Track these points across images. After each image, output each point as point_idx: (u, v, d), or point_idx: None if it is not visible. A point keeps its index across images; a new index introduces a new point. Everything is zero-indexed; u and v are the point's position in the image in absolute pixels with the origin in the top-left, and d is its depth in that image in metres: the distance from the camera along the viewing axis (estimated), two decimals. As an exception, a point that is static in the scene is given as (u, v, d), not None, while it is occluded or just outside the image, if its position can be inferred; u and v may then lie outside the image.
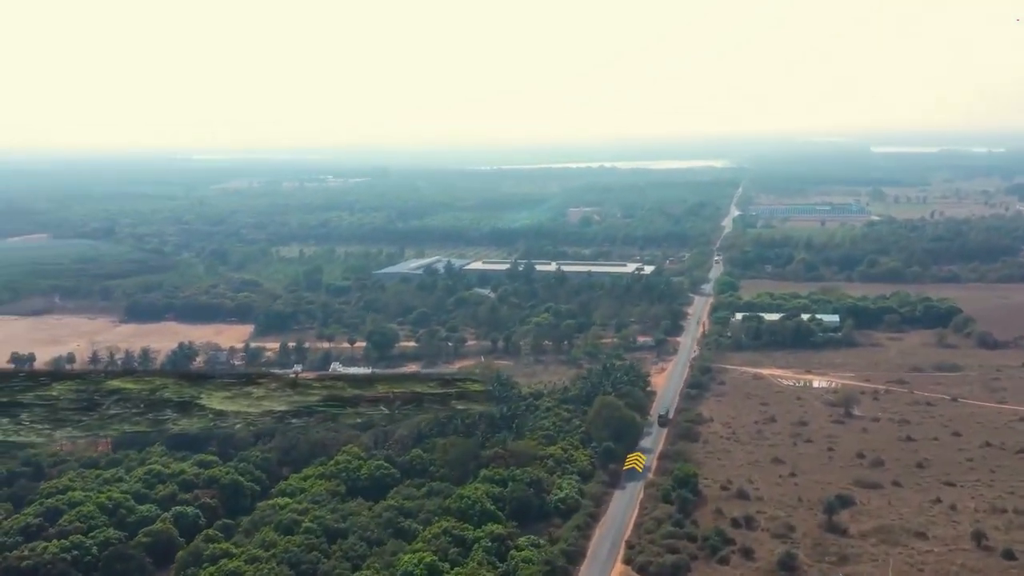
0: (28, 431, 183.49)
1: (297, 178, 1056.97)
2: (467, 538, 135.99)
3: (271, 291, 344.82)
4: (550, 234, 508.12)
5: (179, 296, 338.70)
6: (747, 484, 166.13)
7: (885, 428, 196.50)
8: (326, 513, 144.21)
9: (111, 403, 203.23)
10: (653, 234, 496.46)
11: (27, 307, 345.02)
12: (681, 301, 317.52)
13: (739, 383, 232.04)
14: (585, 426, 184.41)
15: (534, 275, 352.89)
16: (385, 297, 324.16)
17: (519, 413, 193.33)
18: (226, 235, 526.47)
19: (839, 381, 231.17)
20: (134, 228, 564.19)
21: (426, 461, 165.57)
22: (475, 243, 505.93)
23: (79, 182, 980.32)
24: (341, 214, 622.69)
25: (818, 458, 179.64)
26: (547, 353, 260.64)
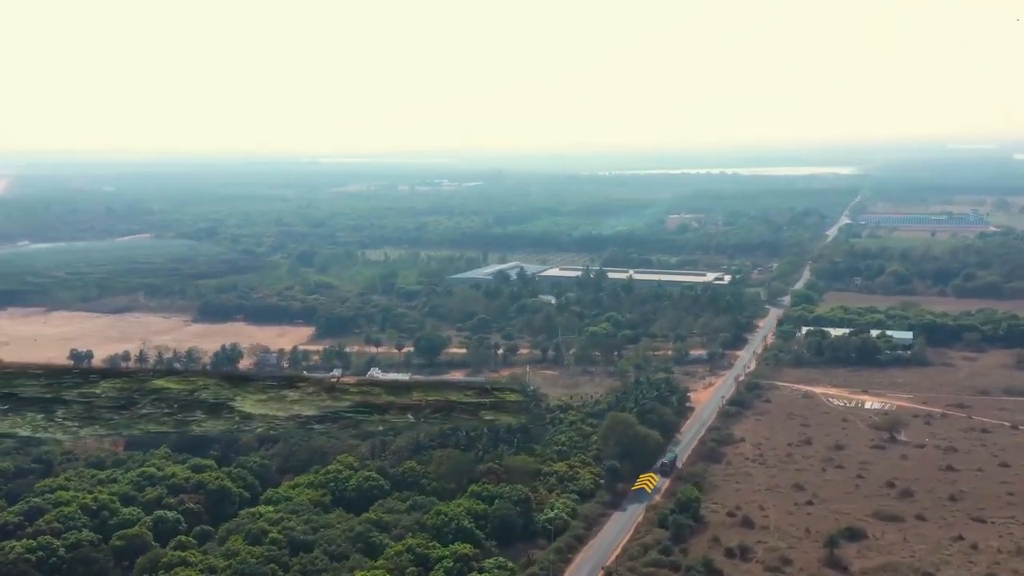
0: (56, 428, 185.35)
1: (413, 182, 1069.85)
2: (430, 557, 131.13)
3: (341, 294, 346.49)
4: (641, 241, 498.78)
5: (251, 297, 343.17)
6: (757, 511, 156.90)
7: (928, 456, 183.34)
8: (297, 524, 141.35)
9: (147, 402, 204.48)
10: (748, 243, 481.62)
11: (111, 305, 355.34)
12: (751, 313, 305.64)
13: (785, 402, 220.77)
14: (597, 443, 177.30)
15: (604, 283, 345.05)
16: (449, 303, 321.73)
17: (537, 426, 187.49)
18: (320, 237, 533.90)
19: (894, 403, 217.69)
20: (237, 229, 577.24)
21: (419, 473, 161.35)
22: (565, 249, 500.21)
23: (206, 184, 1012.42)
24: (440, 218, 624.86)
25: (844, 486, 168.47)
26: (596, 364, 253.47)
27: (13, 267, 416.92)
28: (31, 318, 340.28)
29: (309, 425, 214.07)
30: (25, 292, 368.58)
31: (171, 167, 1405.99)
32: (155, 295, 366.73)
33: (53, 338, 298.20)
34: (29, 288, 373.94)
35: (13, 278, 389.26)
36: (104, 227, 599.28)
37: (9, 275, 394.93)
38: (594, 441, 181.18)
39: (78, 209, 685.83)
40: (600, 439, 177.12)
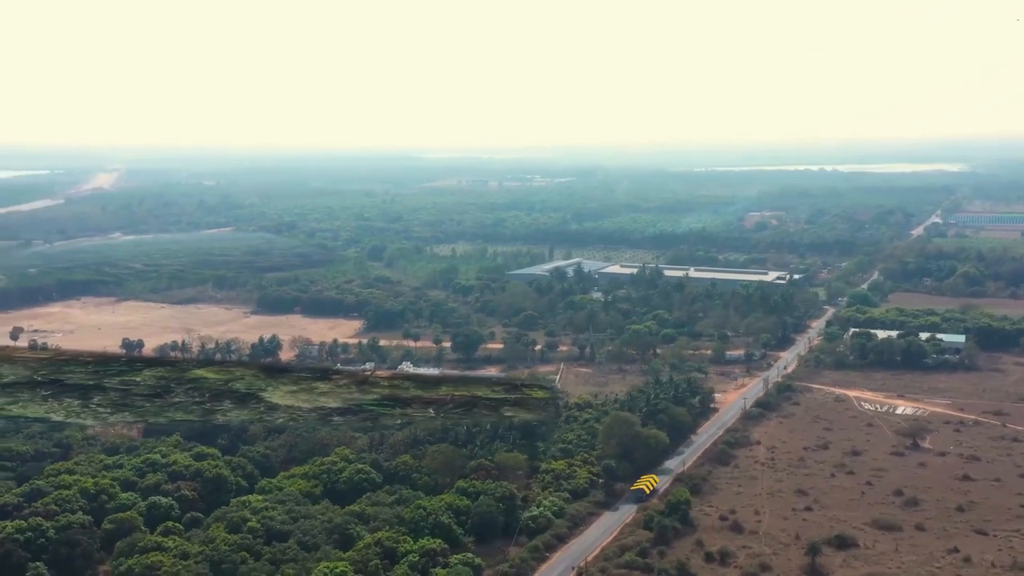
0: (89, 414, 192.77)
1: (506, 177, 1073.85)
2: (398, 551, 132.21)
3: (397, 289, 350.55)
4: (712, 238, 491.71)
5: (310, 290, 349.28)
6: (751, 515, 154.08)
7: (947, 464, 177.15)
8: (278, 514, 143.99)
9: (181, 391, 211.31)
10: (823, 241, 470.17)
11: (179, 296, 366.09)
12: (803, 313, 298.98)
13: (815, 404, 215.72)
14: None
15: (658, 281, 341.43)
16: (501, 298, 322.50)
17: (548, 423, 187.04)
18: (396, 232, 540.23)
19: (928, 408, 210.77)
20: (318, 223, 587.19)
21: (411, 468, 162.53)
22: (637, 246, 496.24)
23: (301, 179, 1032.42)
24: (519, 214, 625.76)
25: (849, 492, 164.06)
26: (633, 362, 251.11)
27: (96, 258, 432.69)
28: (102, 307, 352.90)
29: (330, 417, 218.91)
30: (102, 282, 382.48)
31: (274, 162, 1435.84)
32: (222, 287, 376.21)
33: (117, 327, 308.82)
34: (106, 279, 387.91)
35: (93, 269, 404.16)
36: (193, 220, 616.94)
37: (90, 266, 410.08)
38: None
39: (171, 203, 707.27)
40: (600, 438, 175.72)
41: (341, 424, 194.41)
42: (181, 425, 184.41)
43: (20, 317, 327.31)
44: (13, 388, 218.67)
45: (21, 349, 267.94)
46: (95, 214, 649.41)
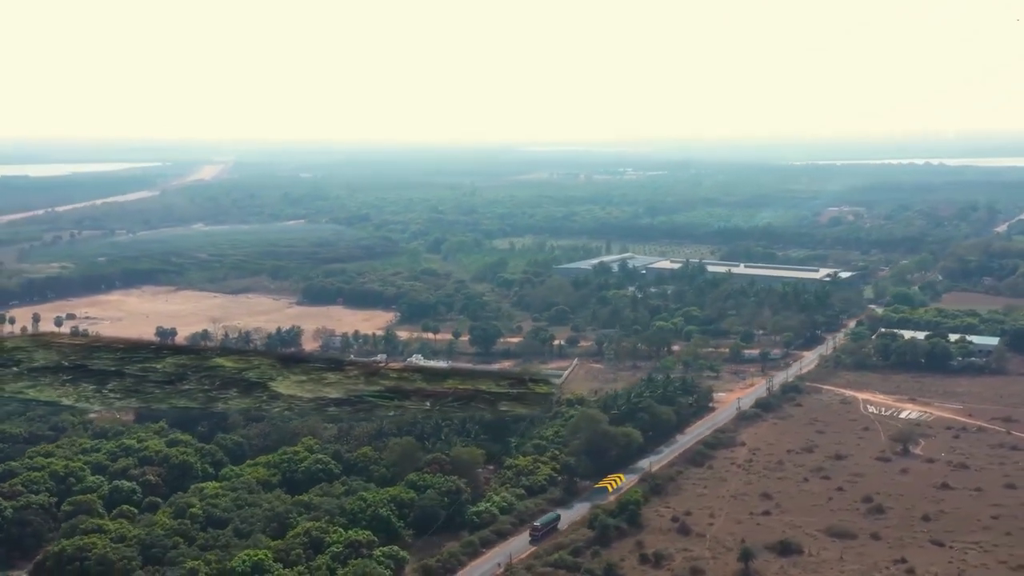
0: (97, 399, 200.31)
1: (597, 171, 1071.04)
2: (325, 541, 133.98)
3: (439, 281, 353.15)
4: (778, 234, 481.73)
5: (356, 282, 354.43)
6: (705, 518, 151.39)
7: (931, 471, 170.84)
8: (224, 501, 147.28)
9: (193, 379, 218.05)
10: (891, 238, 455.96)
11: (234, 286, 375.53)
12: (837, 312, 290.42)
13: (817, 406, 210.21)
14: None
15: (698, 277, 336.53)
16: (536, 292, 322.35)
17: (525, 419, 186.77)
18: (465, 225, 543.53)
19: (936, 412, 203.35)
20: (392, 215, 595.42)
21: (370, 459, 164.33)
22: (701, 241, 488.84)
23: (394, 171, 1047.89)
24: (593, 207, 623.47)
25: (817, 497, 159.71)
26: (649, 359, 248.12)
27: (165, 248, 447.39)
28: (159, 296, 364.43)
29: (327, 407, 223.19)
30: (165, 271, 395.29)
31: (376, 156, 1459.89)
32: (277, 277, 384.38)
33: (164, 315, 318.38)
34: (169, 268, 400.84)
35: (159, 258, 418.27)
36: (274, 212, 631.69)
37: (156, 255, 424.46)
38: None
39: (257, 195, 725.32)
40: (567, 436, 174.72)
41: (337, 414, 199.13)
42: (171, 411, 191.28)
43: (80, 304, 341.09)
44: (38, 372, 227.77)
45: (62, 335, 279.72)
46: (183, 205, 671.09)
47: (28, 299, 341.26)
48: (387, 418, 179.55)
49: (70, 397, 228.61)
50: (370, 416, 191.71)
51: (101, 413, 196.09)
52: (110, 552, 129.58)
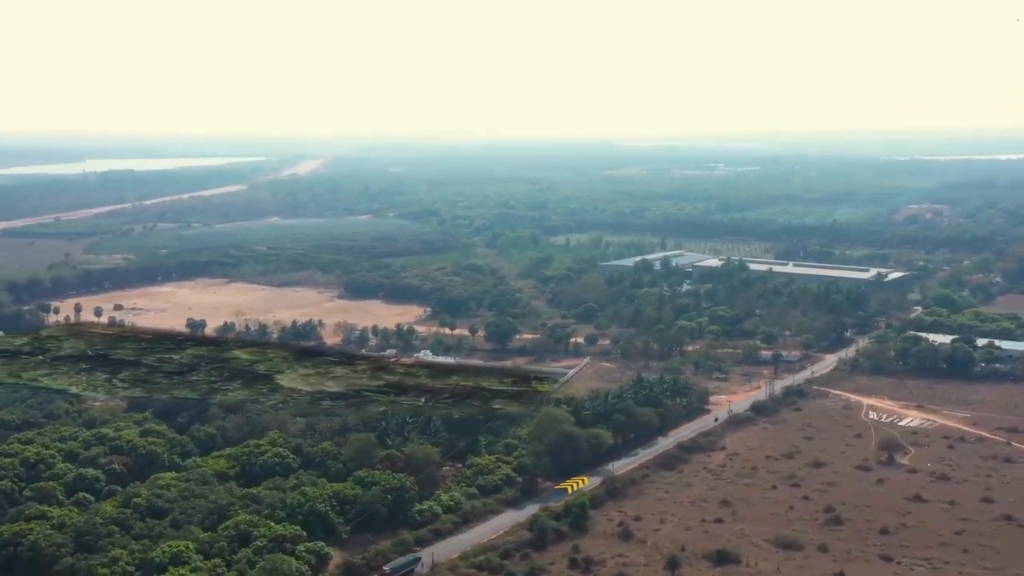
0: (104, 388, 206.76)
1: (689, 166, 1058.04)
2: (252, 534, 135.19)
3: (478, 277, 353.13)
4: (843, 232, 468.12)
5: (397, 276, 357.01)
6: (654, 523, 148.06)
7: (908, 482, 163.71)
8: (170, 492, 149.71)
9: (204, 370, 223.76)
10: (959, 237, 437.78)
11: (283, 279, 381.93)
12: (870, 313, 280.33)
13: (816, 411, 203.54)
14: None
15: (736, 275, 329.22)
16: (571, 289, 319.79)
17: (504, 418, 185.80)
18: (531, 220, 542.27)
19: (940, 420, 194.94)
20: (465, 210, 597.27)
21: (329, 454, 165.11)
22: (766, 238, 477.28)
23: (483, 167, 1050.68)
24: (665, 203, 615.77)
25: (778, 506, 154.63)
26: (661, 359, 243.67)
27: (228, 241, 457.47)
28: (210, 288, 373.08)
29: (323, 401, 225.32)
30: (221, 264, 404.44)
31: (472, 151, 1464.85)
32: (327, 271, 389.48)
33: (208, 307, 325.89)
34: (226, 261, 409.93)
35: (218, 251, 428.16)
36: (349, 206, 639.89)
37: (216, 248, 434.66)
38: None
39: (337, 189, 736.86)
40: (529, 436, 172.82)
41: (330, 408, 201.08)
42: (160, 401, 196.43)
43: (133, 295, 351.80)
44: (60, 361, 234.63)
45: (98, 326, 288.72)
46: (265, 199, 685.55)
47: (85, 290, 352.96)
48: (351, 414, 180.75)
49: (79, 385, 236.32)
50: (362, 411, 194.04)
51: (104, 401, 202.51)
52: (42, 539, 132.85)
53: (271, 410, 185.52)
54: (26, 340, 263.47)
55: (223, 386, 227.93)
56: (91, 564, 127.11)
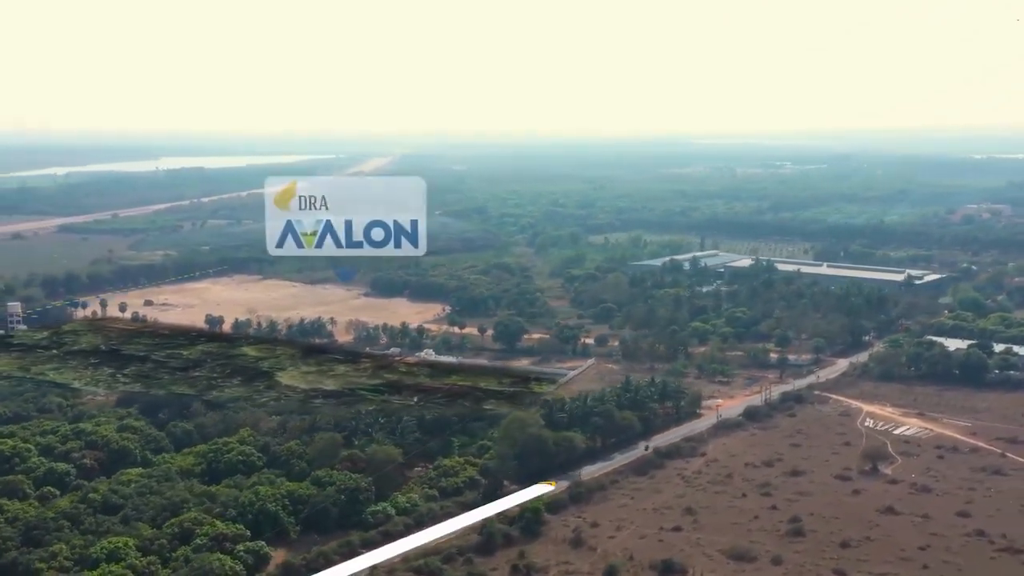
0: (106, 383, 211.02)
1: (754, 164, 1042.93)
2: (195, 533, 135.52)
3: (503, 275, 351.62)
4: (889, 232, 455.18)
5: (426, 275, 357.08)
6: (612, 531, 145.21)
7: (886, 493, 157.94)
8: (125, 488, 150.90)
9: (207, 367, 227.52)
10: (1014, 238, 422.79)
11: (316, 276, 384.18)
12: (894, 317, 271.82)
13: (810, 417, 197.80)
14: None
15: (760, 276, 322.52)
16: (592, 289, 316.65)
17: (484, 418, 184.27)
18: (576, 219, 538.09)
19: (939, 429, 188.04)
20: (517, 208, 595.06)
21: (295, 453, 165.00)
22: (813, 238, 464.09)
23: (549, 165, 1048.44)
24: (717, 202, 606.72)
25: (743, 515, 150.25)
26: (667, 361, 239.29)
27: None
28: (244, 284, 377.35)
29: (314, 399, 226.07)
30: (259, 260, 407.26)
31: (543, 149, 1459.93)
32: (360, 268, 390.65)
33: (236, 302, 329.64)
34: (264, 257, 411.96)
35: (259, 247, 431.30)
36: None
37: (257, 244, 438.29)
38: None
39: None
40: (497, 439, 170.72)
41: (321, 406, 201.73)
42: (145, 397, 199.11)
43: (166, 291, 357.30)
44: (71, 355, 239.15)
45: (119, 321, 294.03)
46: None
47: (121, 285, 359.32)
48: (326, 412, 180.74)
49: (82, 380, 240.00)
50: (352, 410, 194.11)
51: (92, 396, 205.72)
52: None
53: (250, 407, 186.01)
54: (46, 335, 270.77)
55: (221, 383, 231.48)
56: (29, 559, 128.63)
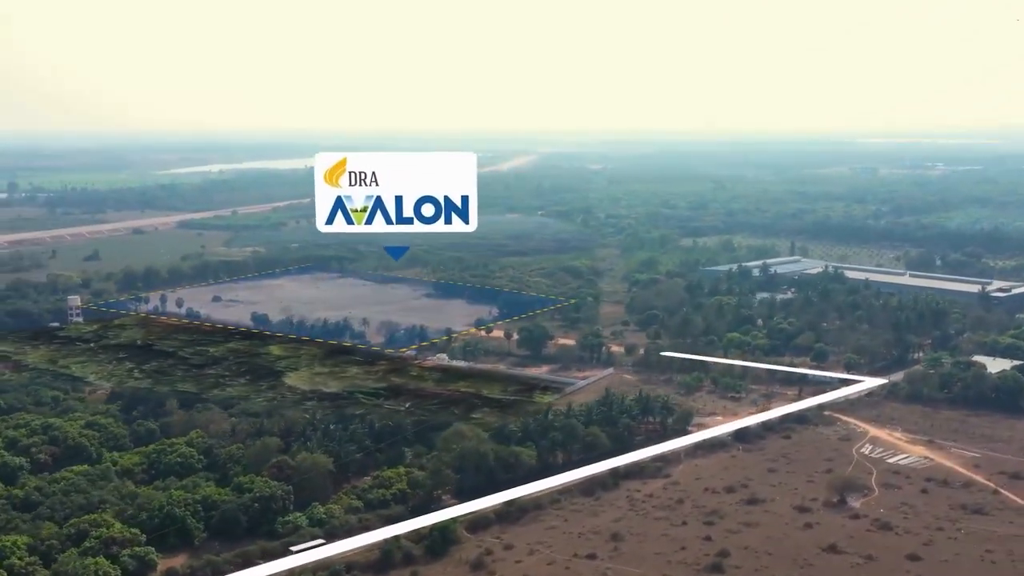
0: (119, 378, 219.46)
1: (904, 165, 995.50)
2: (89, 535, 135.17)
3: (563, 278, 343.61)
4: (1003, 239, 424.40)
5: (492, 276, 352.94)
6: (522, 556, 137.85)
7: (840, 529, 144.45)
8: (54, 484, 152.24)
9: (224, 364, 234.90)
10: None
11: (391, 276, 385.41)
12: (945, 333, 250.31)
13: (807, 440, 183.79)
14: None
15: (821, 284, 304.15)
16: (645, 295, 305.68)
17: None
18: (680, 221, 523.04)
19: (942, 460, 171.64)
20: (627, 208, 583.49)
21: (232, 457, 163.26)
22: (922, 244, 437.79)
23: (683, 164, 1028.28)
24: (834, 205, 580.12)
25: (671, 545, 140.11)
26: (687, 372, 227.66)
27: (361, 238, 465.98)
28: (319, 282, 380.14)
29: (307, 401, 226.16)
30: (340, 259, 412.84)
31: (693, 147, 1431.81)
32: (439, 269, 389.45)
33: (302, 301, 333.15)
34: (346, 256, 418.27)
35: (346, 246, 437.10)
36: (513, 204, 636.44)
37: (345, 243, 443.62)
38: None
39: (511, 186, 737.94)
40: (438, 451, 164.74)
41: (310, 409, 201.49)
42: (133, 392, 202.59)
43: (241, 288, 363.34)
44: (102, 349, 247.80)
45: (169, 318, 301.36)
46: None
47: (200, 280, 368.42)
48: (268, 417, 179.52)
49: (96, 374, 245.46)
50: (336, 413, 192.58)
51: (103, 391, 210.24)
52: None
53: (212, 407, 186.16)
54: (94, 329, 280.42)
55: (228, 381, 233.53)
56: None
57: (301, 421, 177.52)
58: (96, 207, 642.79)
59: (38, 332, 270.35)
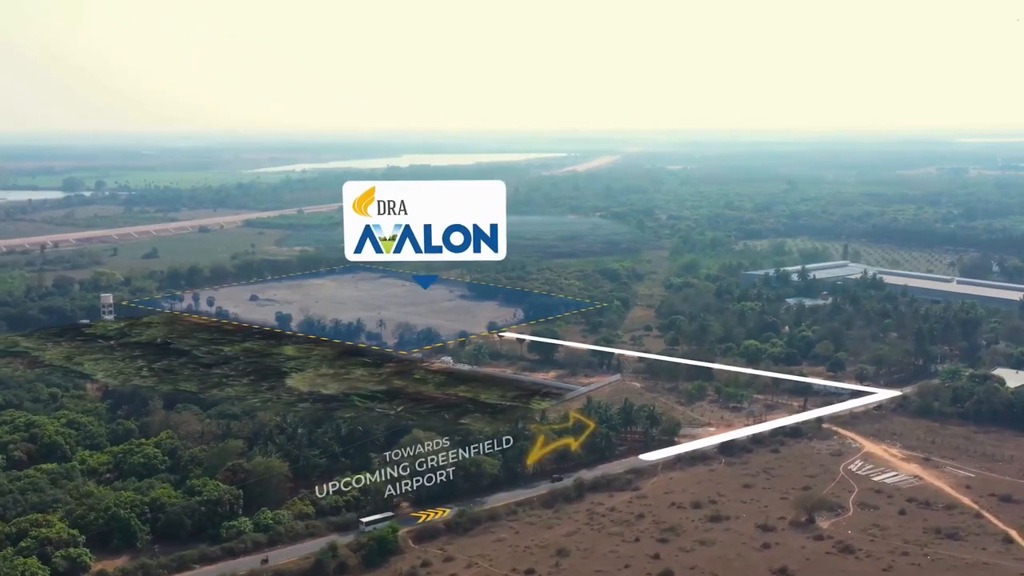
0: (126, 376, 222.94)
1: (998, 166, 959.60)
2: (29, 534, 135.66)
3: (597, 282, 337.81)
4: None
5: (527, 278, 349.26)
6: (460, 568, 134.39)
7: (799, 552, 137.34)
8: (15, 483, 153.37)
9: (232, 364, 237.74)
10: None
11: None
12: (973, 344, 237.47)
13: (796, 455, 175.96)
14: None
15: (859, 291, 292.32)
16: (672, 299, 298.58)
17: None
18: (741, 222, 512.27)
19: (932, 480, 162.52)
20: (692, 211, 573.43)
21: (194, 460, 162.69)
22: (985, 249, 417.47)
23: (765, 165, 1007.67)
24: (905, 208, 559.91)
25: (615, 563, 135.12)
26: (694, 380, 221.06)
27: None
28: (359, 283, 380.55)
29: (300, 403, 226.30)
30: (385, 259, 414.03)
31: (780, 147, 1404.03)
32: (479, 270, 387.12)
33: (333, 301, 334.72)
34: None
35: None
36: (577, 204, 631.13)
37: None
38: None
39: (580, 187, 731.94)
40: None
41: (303, 411, 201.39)
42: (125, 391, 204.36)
43: (281, 287, 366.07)
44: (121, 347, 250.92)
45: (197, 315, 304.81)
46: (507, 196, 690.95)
47: (243, 279, 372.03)
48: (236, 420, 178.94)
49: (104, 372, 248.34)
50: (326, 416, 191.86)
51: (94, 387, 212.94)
52: None
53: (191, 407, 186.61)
54: (120, 326, 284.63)
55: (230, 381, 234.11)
56: None
57: (270, 424, 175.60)
58: (171, 205, 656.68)
59: (65, 329, 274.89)
